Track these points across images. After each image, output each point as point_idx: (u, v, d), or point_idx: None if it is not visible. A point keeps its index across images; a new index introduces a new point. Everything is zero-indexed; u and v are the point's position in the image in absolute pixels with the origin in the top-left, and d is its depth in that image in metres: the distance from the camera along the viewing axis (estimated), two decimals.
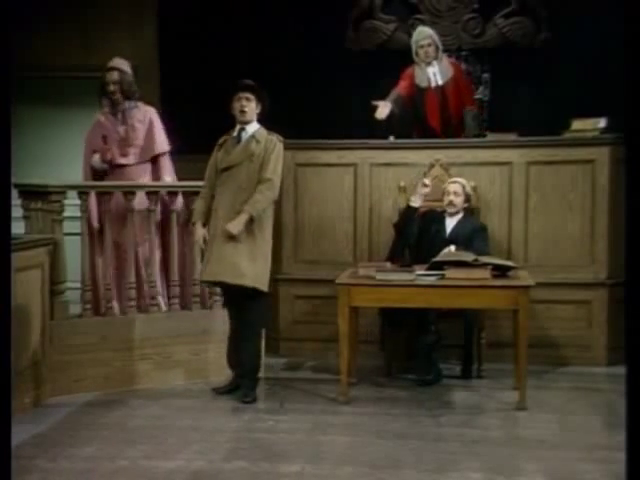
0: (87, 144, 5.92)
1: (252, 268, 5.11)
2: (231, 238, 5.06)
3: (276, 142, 5.24)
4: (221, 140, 5.36)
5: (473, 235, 5.71)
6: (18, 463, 4.03)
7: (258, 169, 5.16)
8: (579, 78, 6.82)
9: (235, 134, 5.30)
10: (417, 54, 6.63)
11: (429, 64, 6.60)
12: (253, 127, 5.28)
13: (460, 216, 5.84)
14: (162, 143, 5.91)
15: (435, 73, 6.61)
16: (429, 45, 6.58)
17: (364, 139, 6.40)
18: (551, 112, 6.71)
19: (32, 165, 7.34)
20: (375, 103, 6.39)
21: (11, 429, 3.22)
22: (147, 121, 5.89)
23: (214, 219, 5.26)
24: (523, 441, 4.47)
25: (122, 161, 5.81)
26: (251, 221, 5.10)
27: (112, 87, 5.80)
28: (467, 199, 5.86)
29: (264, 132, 5.27)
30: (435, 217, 5.86)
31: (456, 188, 5.84)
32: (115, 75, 5.81)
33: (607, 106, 5.69)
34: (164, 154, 5.93)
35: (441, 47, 6.66)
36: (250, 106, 5.23)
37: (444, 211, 5.86)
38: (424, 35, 6.63)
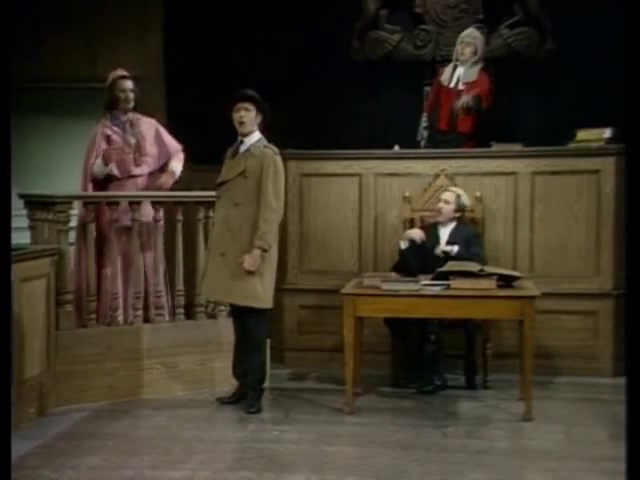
0: (88, 155, 5.80)
1: (246, 286, 5.10)
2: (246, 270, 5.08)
3: (272, 156, 5.14)
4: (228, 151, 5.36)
5: (468, 241, 5.72)
6: (23, 473, 4.04)
7: (255, 185, 5.11)
8: (584, 88, 6.78)
9: (234, 147, 5.28)
10: (455, 50, 6.69)
11: (460, 65, 6.63)
12: (252, 139, 5.21)
13: (453, 225, 5.84)
14: (173, 145, 5.93)
15: (460, 75, 6.64)
16: (468, 44, 6.62)
17: (369, 149, 6.40)
18: (556, 122, 6.69)
19: (37, 175, 7.33)
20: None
21: (11, 439, 3.20)
22: (153, 130, 5.90)
23: (212, 234, 5.30)
24: (529, 452, 4.46)
25: (137, 171, 5.81)
26: (265, 251, 5.09)
27: (130, 94, 5.80)
28: (459, 209, 5.84)
29: (261, 144, 5.19)
30: (429, 231, 5.86)
31: (447, 196, 5.86)
32: (130, 83, 5.83)
33: (612, 116, 5.68)
34: (178, 152, 5.94)
35: (481, 54, 6.68)
36: (249, 117, 5.17)
37: (437, 222, 5.87)
38: (469, 34, 6.69)
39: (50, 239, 5.37)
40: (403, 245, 5.77)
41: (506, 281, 5.19)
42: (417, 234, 5.80)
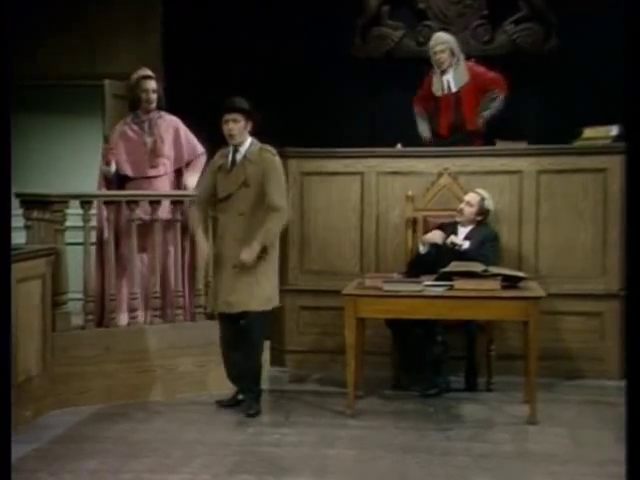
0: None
1: (262, 291, 5.11)
2: (242, 265, 5.04)
3: (272, 158, 5.14)
4: (219, 157, 5.27)
5: (484, 242, 5.65)
6: (20, 477, 4.01)
7: (257, 191, 5.08)
8: (591, 85, 6.75)
9: (230, 156, 5.20)
10: (433, 61, 6.61)
11: (445, 72, 6.57)
12: (245, 146, 5.17)
13: (473, 226, 5.78)
14: (191, 149, 5.91)
15: (449, 80, 6.59)
16: (442, 52, 6.55)
17: (370, 147, 6.35)
18: (562, 120, 6.61)
19: (35, 174, 7.34)
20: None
21: (11, 442, 3.19)
22: (172, 131, 5.89)
23: (219, 247, 5.23)
24: (533, 456, 4.43)
25: (152, 173, 5.80)
26: (264, 249, 5.06)
27: (152, 95, 5.81)
28: (481, 212, 5.78)
29: (256, 148, 5.17)
30: (447, 229, 5.79)
31: (470, 198, 5.80)
32: (154, 83, 5.84)
33: (619, 114, 5.60)
34: (196, 157, 5.94)
35: (459, 52, 6.61)
36: (238, 127, 5.12)
37: (456, 222, 5.81)
38: (439, 41, 6.60)
39: (46, 239, 5.33)
40: (422, 249, 5.70)
41: (511, 282, 5.14)
42: (438, 236, 5.72)
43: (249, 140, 5.19)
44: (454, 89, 6.58)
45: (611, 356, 5.97)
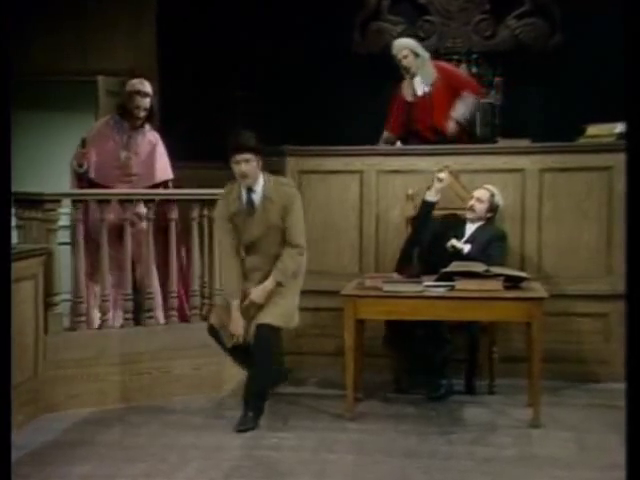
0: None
1: (286, 303, 5.00)
2: (252, 303, 4.95)
3: (293, 194, 4.94)
4: (225, 202, 5.02)
5: (490, 242, 5.59)
6: None
7: (282, 229, 4.91)
8: (595, 81, 6.75)
9: (245, 199, 4.94)
10: (401, 68, 6.55)
11: (414, 75, 6.50)
12: (260, 184, 4.92)
13: (481, 223, 5.71)
14: (163, 170, 5.81)
15: (419, 82, 6.53)
16: (406, 57, 6.49)
17: (370, 145, 6.30)
18: (565, 117, 6.60)
19: (28, 171, 7.30)
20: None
21: (11, 445, 3.19)
22: (149, 149, 5.78)
23: (249, 281, 5.03)
24: (537, 460, 4.37)
25: (122, 187, 5.69)
26: (278, 284, 4.94)
27: (142, 113, 5.69)
28: (491, 209, 5.72)
29: (272, 184, 4.93)
30: (456, 222, 5.73)
31: (481, 194, 5.73)
32: (147, 102, 5.70)
33: (624, 111, 5.56)
34: (165, 182, 5.84)
35: (423, 52, 6.55)
36: (251, 167, 4.82)
37: (464, 219, 5.74)
38: (400, 47, 6.54)
39: (39, 239, 5.26)
40: (429, 197, 5.64)
41: (513, 282, 5.08)
42: (446, 178, 5.67)
43: (262, 177, 4.94)
44: (426, 88, 6.51)
45: (617, 358, 5.85)
